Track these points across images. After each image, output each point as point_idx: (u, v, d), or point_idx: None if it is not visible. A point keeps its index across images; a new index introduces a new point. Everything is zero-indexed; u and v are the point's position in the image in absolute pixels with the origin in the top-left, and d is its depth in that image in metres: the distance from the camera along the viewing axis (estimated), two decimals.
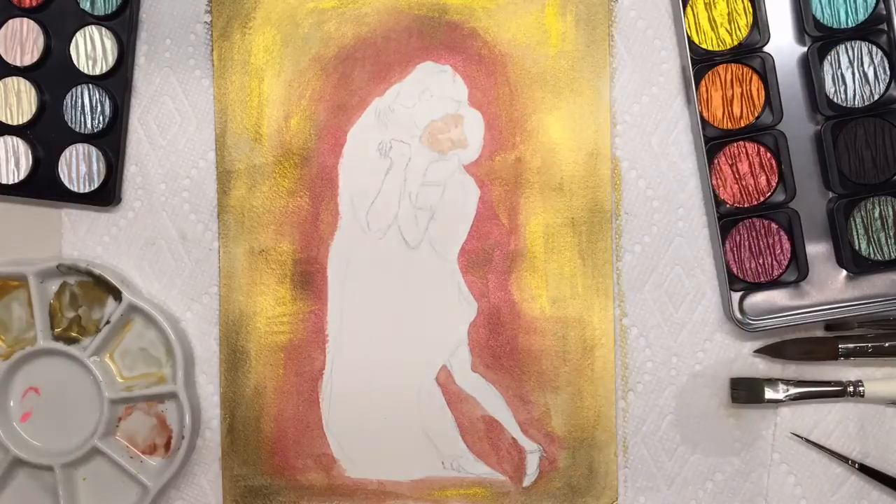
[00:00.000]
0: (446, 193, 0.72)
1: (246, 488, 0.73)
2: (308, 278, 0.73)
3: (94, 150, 0.72)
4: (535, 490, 0.72)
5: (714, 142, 0.69)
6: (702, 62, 0.69)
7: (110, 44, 0.71)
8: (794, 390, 0.69)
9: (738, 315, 0.70)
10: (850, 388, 0.69)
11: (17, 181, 0.72)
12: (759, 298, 0.70)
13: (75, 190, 0.72)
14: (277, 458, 0.73)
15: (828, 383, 0.70)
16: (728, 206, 0.69)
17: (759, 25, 0.68)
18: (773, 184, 0.69)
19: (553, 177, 0.71)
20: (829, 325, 0.70)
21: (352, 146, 0.72)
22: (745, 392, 0.70)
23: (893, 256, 0.68)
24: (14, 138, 0.72)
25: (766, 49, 0.68)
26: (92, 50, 0.71)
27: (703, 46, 0.69)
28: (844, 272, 0.70)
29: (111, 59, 0.71)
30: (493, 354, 0.72)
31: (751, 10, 0.68)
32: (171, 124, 0.73)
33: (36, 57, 0.71)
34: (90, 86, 0.72)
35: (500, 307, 0.72)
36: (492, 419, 0.72)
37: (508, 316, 0.72)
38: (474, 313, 0.72)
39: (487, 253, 0.72)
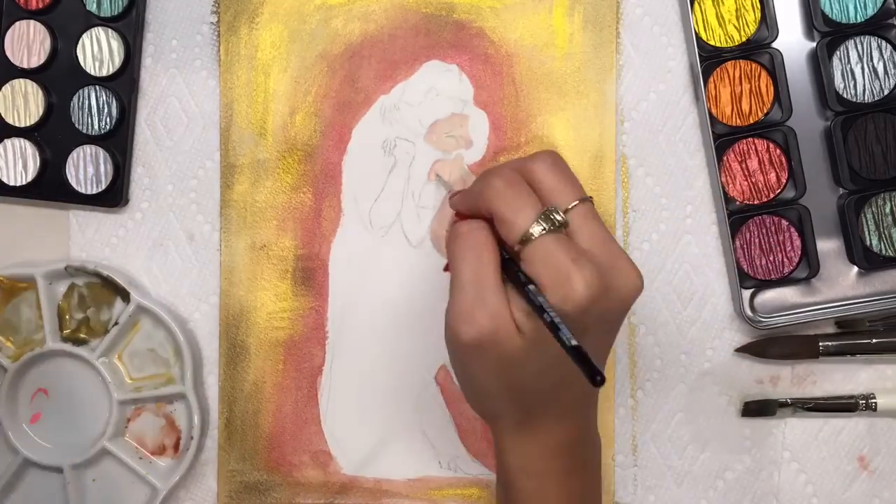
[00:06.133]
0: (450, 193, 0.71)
1: (241, 484, 0.73)
2: (309, 274, 0.72)
3: (101, 152, 0.72)
4: None
5: (723, 138, 0.68)
6: (710, 59, 0.68)
7: (117, 45, 0.71)
8: (806, 411, 0.69)
9: (748, 312, 0.69)
10: (863, 402, 0.69)
11: (24, 183, 0.72)
12: (769, 296, 0.70)
13: (83, 191, 0.72)
14: (274, 454, 0.73)
15: (839, 398, 0.69)
16: (738, 203, 0.69)
17: (768, 21, 0.68)
18: (783, 180, 0.68)
19: None
20: (840, 322, 0.70)
21: (356, 143, 0.72)
22: (756, 411, 0.70)
23: None
24: (21, 140, 0.72)
25: (774, 45, 0.68)
26: (98, 51, 0.71)
27: (711, 43, 0.68)
28: (855, 268, 0.69)
29: (118, 61, 0.71)
30: None
31: (759, 5, 0.68)
32: (178, 125, 0.73)
33: (43, 59, 0.71)
34: (97, 87, 0.72)
35: None
36: None
37: None
38: None
39: None
